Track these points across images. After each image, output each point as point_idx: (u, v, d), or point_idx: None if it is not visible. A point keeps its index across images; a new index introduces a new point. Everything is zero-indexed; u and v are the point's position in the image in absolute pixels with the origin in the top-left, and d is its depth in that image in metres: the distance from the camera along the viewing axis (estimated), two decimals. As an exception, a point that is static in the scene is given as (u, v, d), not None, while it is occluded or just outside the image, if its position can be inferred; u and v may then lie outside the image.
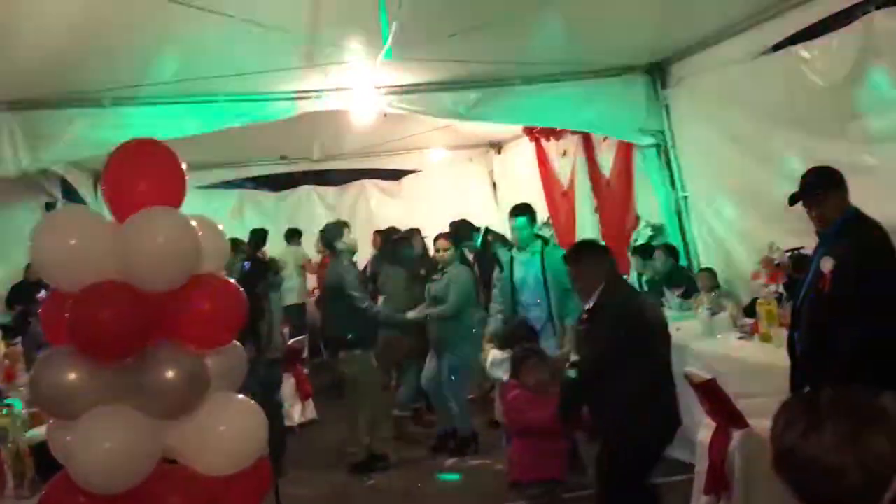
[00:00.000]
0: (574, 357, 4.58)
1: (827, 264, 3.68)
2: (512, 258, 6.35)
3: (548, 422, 4.55)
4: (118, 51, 5.62)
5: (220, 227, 2.92)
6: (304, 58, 6.17)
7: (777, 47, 5.87)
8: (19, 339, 7.26)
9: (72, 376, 2.55)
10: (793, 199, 4.00)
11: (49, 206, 9.39)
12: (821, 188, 3.87)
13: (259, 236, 7.54)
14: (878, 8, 4.88)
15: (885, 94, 4.91)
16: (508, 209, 6.51)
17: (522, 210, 6.29)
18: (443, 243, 7.05)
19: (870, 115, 5.08)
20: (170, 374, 2.55)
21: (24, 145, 6.66)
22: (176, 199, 2.75)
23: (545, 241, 6.41)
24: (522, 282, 6.15)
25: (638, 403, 4.03)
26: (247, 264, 5.33)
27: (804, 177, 3.99)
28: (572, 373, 4.36)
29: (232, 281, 2.88)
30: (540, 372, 4.90)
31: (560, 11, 5.37)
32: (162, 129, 6.69)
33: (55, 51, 5.33)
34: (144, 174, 2.72)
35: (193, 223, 2.64)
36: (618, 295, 4.27)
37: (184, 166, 2.82)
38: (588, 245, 4.89)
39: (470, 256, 8.32)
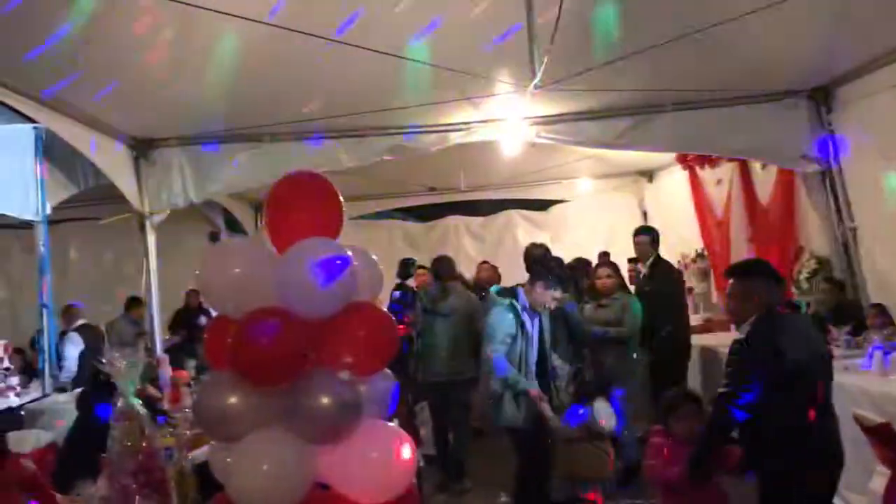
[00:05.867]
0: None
1: None
2: None
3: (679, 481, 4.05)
4: (277, 90, 5.91)
5: (374, 257, 2.98)
6: (456, 91, 6.26)
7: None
8: (193, 362, 7.66)
9: (232, 400, 2.65)
10: None
11: (213, 236, 9.95)
12: None
13: (405, 265, 7.58)
14: None
15: None
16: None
17: None
18: (604, 271, 6.96)
19: None
20: (324, 400, 2.60)
21: (191, 178, 7.15)
22: (334, 229, 2.82)
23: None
24: None
25: (789, 441, 3.73)
26: (396, 294, 5.38)
27: None
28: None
29: (385, 310, 2.92)
30: (693, 420, 4.29)
31: (716, 36, 5.18)
32: (317, 162, 7.00)
33: (219, 90, 5.68)
34: (304, 206, 2.80)
35: (349, 253, 2.70)
36: (767, 331, 3.83)
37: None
38: (761, 268, 4.27)
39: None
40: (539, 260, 6.12)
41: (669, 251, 10.61)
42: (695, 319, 8.48)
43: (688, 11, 5.03)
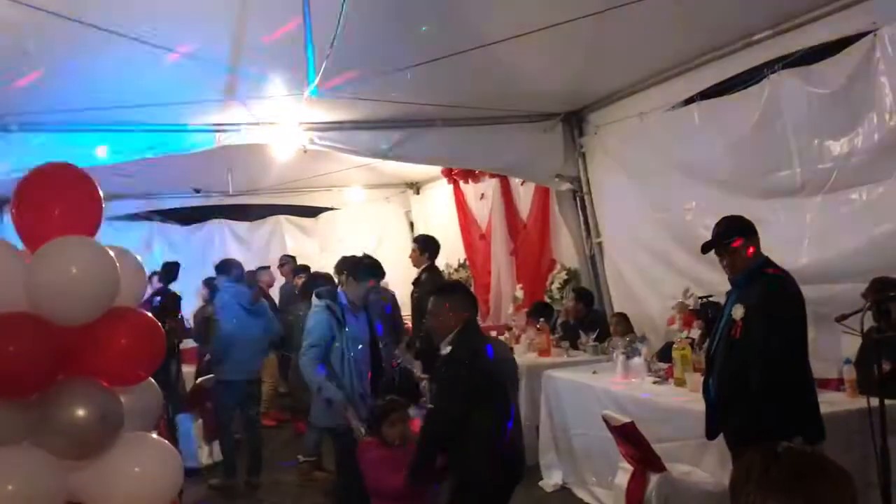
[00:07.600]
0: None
1: (738, 311, 3.79)
2: None
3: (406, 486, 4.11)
4: (26, 73, 5.40)
5: (139, 258, 2.81)
6: (226, 91, 6.07)
7: (689, 101, 6.09)
8: None
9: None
10: (705, 248, 4.11)
11: (-55, 235, 8.89)
12: (731, 237, 3.99)
13: (170, 269, 7.28)
14: (784, 67, 5.11)
15: (784, 149, 5.15)
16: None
17: None
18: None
19: (771, 170, 5.29)
20: (80, 412, 2.41)
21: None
22: (91, 226, 2.63)
23: None
24: None
25: (486, 449, 3.84)
26: (157, 299, 5.12)
27: (716, 226, 4.11)
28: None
29: (150, 315, 2.76)
30: (403, 425, 4.43)
31: (483, 60, 5.44)
32: (72, 157, 6.43)
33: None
34: (58, 200, 2.58)
35: (111, 253, 2.52)
36: (468, 348, 3.95)
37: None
38: (457, 287, 4.58)
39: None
40: (351, 259, 6.08)
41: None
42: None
43: (453, 33, 5.23)
